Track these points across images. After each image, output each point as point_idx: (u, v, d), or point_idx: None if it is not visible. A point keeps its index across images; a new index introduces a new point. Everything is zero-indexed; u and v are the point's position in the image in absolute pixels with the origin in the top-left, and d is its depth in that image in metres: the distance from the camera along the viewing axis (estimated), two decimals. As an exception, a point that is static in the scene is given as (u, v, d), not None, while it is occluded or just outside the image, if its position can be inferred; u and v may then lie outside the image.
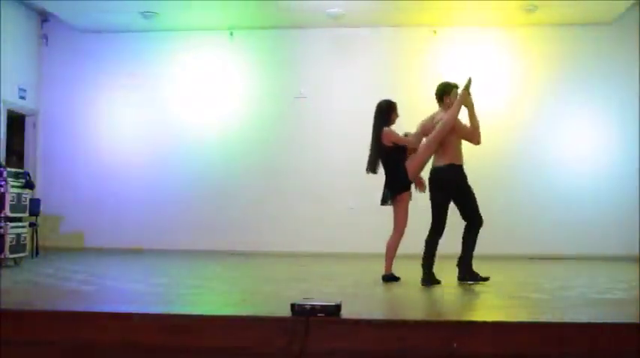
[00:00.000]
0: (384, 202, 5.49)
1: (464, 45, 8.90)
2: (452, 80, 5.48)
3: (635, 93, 8.55)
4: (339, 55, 9.12)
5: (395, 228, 5.47)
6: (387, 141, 5.41)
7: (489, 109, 8.43)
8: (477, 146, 5.36)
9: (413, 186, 5.48)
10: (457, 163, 5.19)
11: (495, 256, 8.23)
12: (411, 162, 5.40)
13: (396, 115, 5.54)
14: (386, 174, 5.50)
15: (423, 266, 5.18)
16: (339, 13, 8.45)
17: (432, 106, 5.60)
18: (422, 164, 5.42)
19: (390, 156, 5.42)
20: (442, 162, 5.19)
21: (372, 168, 5.55)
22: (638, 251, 7.92)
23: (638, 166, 8.48)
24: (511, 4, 8.11)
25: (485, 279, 5.12)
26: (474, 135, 5.27)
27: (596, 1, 7.94)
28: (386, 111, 5.52)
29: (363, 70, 9.06)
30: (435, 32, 8.92)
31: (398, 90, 8.90)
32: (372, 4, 8.18)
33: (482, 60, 8.86)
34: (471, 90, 5.23)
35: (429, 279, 5.13)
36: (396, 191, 5.37)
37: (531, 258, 7.95)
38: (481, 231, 6.90)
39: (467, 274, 5.14)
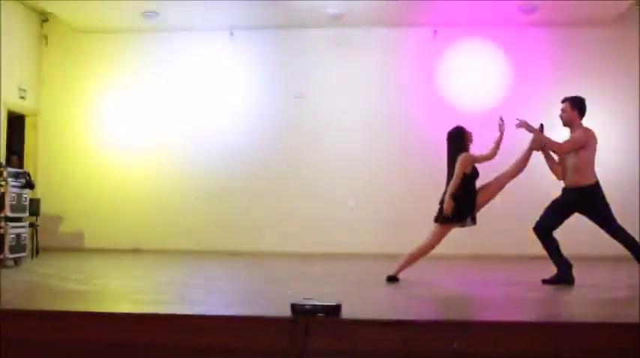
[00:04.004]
0: (437, 221, 5.30)
1: (464, 45, 8.90)
2: (452, 79, 5.48)
3: (635, 94, 8.54)
4: (339, 55, 9.11)
5: (424, 243, 5.35)
6: (459, 164, 5.23)
7: (489, 109, 8.46)
8: (476, 146, 5.41)
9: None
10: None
11: (496, 256, 8.23)
12: (484, 193, 5.30)
13: (470, 141, 5.41)
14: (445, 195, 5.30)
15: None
16: (339, 13, 8.44)
17: (431, 106, 5.61)
18: (488, 201, 5.34)
19: (458, 183, 5.23)
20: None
21: None
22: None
23: (638, 166, 8.47)
24: (511, 5, 8.11)
25: None
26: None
27: (595, 2, 7.94)
28: (457, 138, 5.41)
29: (363, 69, 9.05)
30: (435, 32, 8.92)
31: (398, 90, 8.95)
32: (372, 4, 8.18)
33: (482, 60, 8.86)
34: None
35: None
36: (450, 218, 5.21)
37: (532, 258, 7.96)
38: (482, 231, 6.85)
39: None
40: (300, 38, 9.14)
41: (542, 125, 5.46)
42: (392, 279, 5.32)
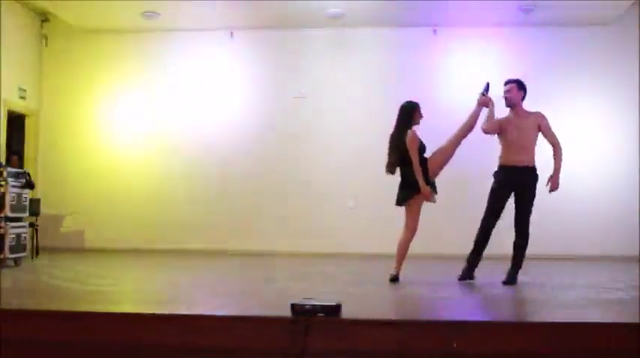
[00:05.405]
0: (399, 203, 5.40)
1: (464, 45, 8.90)
2: (452, 79, 5.55)
3: (635, 94, 8.54)
4: (339, 55, 9.11)
5: (406, 229, 5.40)
6: (409, 143, 5.32)
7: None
8: (477, 147, 5.46)
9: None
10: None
11: (496, 256, 8.21)
12: (436, 157, 5.43)
13: (420, 116, 5.50)
14: (402, 175, 5.41)
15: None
16: (339, 13, 8.45)
17: (431, 105, 5.63)
18: (443, 164, 5.44)
19: (409, 158, 5.32)
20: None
21: (391, 169, 5.47)
22: (638, 251, 7.92)
23: (638, 166, 8.47)
24: (510, 4, 8.11)
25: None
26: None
27: (595, 2, 7.94)
28: (409, 113, 5.48)
29: (362, 70, 9.05)
30: (434, 32, 8.92)
31: (398, 90, 8.92)
32: (372, 4, 8.18)
33: (482, 60, 8.85)
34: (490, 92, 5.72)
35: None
36: (413, 193, 5.30)
37: (531, 258, 7.96)
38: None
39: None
40: (300, 38, 9.14)
41: (487, 84, 5.78)
42: (396, 279, 5.32)
